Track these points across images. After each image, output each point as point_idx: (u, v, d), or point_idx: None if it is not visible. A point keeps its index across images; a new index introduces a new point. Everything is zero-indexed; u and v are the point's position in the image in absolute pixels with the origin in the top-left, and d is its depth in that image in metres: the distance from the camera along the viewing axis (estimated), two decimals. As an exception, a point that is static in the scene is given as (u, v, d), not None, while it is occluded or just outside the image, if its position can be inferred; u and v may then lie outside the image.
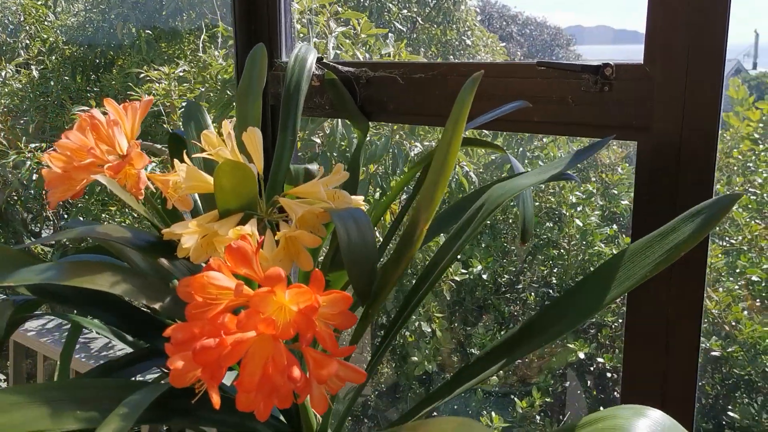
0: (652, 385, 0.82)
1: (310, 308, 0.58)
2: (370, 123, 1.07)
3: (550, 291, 2.59)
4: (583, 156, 0.74)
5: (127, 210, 3.12)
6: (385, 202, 0.86)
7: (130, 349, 1.86)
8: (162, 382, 0.90)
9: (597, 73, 0.80)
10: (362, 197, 0.78)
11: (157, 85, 2.52)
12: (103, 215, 2.80)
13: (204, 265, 0.74)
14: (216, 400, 0.60)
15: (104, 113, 0.83)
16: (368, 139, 1.99)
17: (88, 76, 3.84)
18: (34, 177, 2.74)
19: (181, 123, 2.74)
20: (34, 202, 3.82)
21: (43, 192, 3.62)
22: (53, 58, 3.82)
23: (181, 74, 2.52)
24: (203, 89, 2.13)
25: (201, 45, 2.67)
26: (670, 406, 0.80)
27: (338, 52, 1.95)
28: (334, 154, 1.92)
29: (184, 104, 2.57)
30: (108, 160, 0.79)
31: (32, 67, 3.74)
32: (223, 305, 0.61)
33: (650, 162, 0.79)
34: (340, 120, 1.93)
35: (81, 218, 2.56)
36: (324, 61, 1.08)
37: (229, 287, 0.61)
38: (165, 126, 2.54)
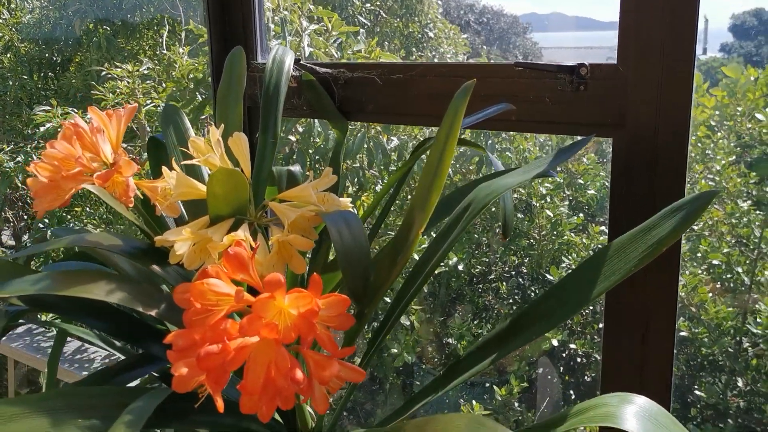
0: (630, 372, 0.85)
1: (311, 312, 0.60)
2: (348, 123, 1.08)
3: (521, 280, 2.64)
4: (565, 155, 0.77)
5: (90, 210, 3.08)
6: (370, 206, 0.88)
7: (106, 352, 1.85)
8: (155, 385, 0.91)
9: (572, 73, 0.83)
10: (349, 199, 0.80)
11: (121, 83, 2.49)
12: (68, 216, 2.76)
13: (196, 270, 0.75)
14: (220, 404, 0.62)
15: (87, 120, 0.83)
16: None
17: (46, 75, 3.77)
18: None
19: (146, 121, 2.72)
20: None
21: (27, 200, 3.55)
22: (9, 56, 3.74)
23: (145, 72, 2.50)
24: (174, 89, 2.11)
25: (163, 41, 2.64)
26: (647, 392, 0.83)
27: (312, 49, 1.96)
28: (310, 151, 1.93)
29: (148, 102, 2.55)
30: (94, 168, 0.80)
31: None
32: (223, 311, 0.62)
33: (625, 157, 0.82)
34: (317, 120, 1.94)
35: (46, 221, 2.53)
36: (302, 62, 1.09)
37: (229, 293, 0.62)
38: (129, 125, 2.51)
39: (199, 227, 0.73)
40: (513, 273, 2.65)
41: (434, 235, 0.79)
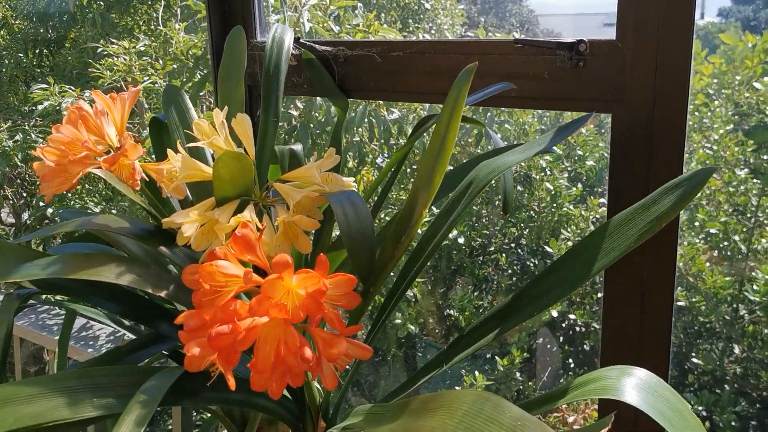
0: (629, 342, 0.87)
1: (319, 291, 0.61)
2: (348, 100, 1.09)
3: (520, 252, 2.66)
4: (566, 133, 0.78)
5: (90, 187, 3.08)
6: (373, 184, 0.89)
7: (110, 329, 1.86)
8: (162, 362, 0.93)
9: (572, 50, 0.84)
10: (352, 179, 0.81)
11: (117, 60, 2.48)
12: (68, 194, 2.76)
13: (203, 251, 0.76)
14: (232, 382, 0.63)
15: (87, 99, 0.84)
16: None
17: (41, 52, 3.74)
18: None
19: (143, 99, 2.71)
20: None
21: (27, 177, 3.55)
22: (3, 33, 3.71)
23: (141, 49, 2.49)
24: (175, 66, 2.11)
25: (159, 17, 2.62)
26: (646, 362, 0.85)
27: (311, 24, 1.95)
28: (311, 125, 1.93)
29: (145, 79, 2.54)
30: (100, 151, 0.80)
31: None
32: (232, 292, 0.64)
33: (624, 132, 0.83)
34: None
35: (42, 204, 2.53)
36: (301, 41, 1.10)
37: (237, 275, 0.63)
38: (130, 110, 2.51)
39: (206, 209, 0.74)
40: (513, 245, 2.67)
41: (437, 213, 0.80)
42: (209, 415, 1.14)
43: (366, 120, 1.98)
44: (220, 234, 0.72)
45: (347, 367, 0.75)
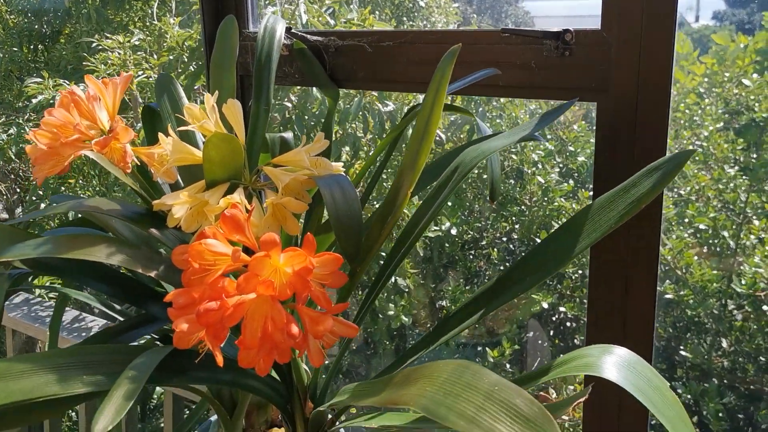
0: (613, 324, 0.89)
1: (305, 269, 0.62)
2: (340, 90, 1.10)
3: (511, 246, 2.68)
4: (549, 119, 0.80)
5: (83, 182, 3.09)
6: (362, 169, 0.90)
7: (103, 321, 1.88)
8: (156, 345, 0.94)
9: (558, 39, 0.85)
10: (341, 163, 0.82)
11: (112, 54, 2.49)
12: (62, 189, 2.77)
13: (193, 233, 0.77)
14: (220, 358, 0.64)
15: (83, 89, 0.85)
16: (340, 102, 2.03)
17: (36, 47, 3.74)
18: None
19: (137, 93, 2.72)
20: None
21: (20, 173, 3.54)
22: (-3, 27, 3.72)
23: (136, 43, 2.49)
24: (171, 58, 2.12)
25: (154, 12, 2.63)
26: (630, 344, 0.87)
27: (307, 17, 1.96)
28: (306, 117, 1.94)
29: (140, 73, 2.55)
30: (92, 135, 0.81)
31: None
32: (220, 270, 0.65)
33: (609, 121, 0.84)
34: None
35: (40, 192, 2.54)
36: (293, 30, 1.11)
37: (226, 253, 0.65)
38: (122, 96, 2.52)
39: (196, 191, 0.76)
40: (504, 239, 2.69)
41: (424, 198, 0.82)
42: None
43: (360, 113, 1.99)
44: (210, 215, 0.73)
45: (336, 346, 0.76)
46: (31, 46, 3.77)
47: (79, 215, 0.95)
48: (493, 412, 0.42)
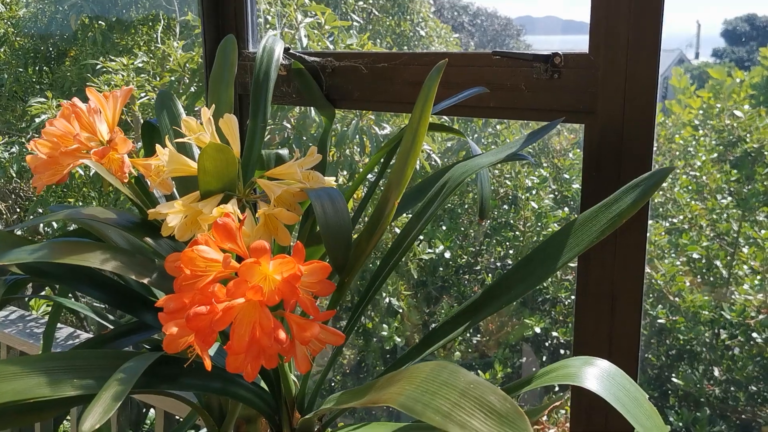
0: (599, 344, 0.90)
1: (294, 276, 0.64)
2: (336, 110, 1.12)
3: (503, 272, 2.69)
4: (535, 137, 0.82)
5: (82, 203, 3.11)
6: (354, 183, 0.92)
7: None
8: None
9: (547, 62, 0.88)
10: (333, 178, 0.84)
11: (116, 76, 2.53)
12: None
13: (186, 243, 0.79)
14: (208, 362, 0.66)
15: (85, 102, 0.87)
16: (338, 125, 2.05)
17: (41, 68, 3.80)
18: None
19: (139, 114, 2.75)
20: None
21: (21, 193, 3.57)
22: (2, 49, 3.76)
23: (140, 65, 2.54)
24: (173, 78, 2.16)
25: (158, 35, 2.68)
26: (616, 360, 0.88)
27: (307, 41, 2.00)
28: (304, 138, 1.97)
29: (142, 95, 2.59)
30: (91, 147, 0.84)
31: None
32: (211, 276, 0.66)
33: (596, 142, 0.87)
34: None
35: (39, 210, 2.56)
36: (291, 51, 1.14)
37: (217, 259, 0.66)
38: (123, 117, 2.55)
39: (191, 201, 0.77)
40: (498, 264, 2.70)
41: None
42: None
43: (357, 136, 2.02)
44: (203, 224, 0.75)
45: (325, 357, 0.77)
46: (36, 68, 3.82)
47: (78, 227, 0.97)
48: (467, 409, 0.43)
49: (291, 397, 0.82)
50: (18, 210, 4.18)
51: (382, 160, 0.94)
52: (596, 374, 0.64)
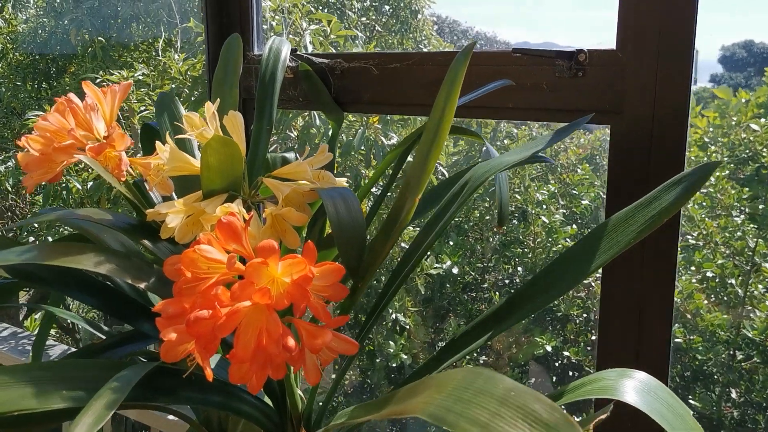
0: (625, 358, 0.84)
1: (305, 278, 0.58)
2: (344, 114, 1.08)
3: (511, 291, 2.63)
4: (562, 135, 0.77)
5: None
6: (367, 184, 0.87)
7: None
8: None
9: (571, 59, 0.83)
10: (344, 179, 0.79)
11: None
12: (57, 222, 2.73)
13: (186, 247, 0.74)
14: (209, 372, 0.60)
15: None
16: (343, 135, 2.01)
17: (39, 84, 3.76)
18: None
19: (138, 126, 2.70)
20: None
21: (17, 211, 3.52)
22: (1, 64, 3.73)
23: (140, 78, 2.49)
24: (173, 86, 2.11)
25: (159, 50, 2.64)
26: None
27: (312, 48, 1.96)
28: (308, 147, 1.92)
29: (142, 108, 2.54)
30: (87, 144, 0.78)
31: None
32: (214, 279, 0.61)
33: (623, 144, 0.82)
34: (316, 114, 1.93)
35: (35, 226, 2.50)
36: (298, 53, 1.09)
37: (221, 260, 0.61)
38: (122, 129, 2.51)
39: (193, 200, 0.72)
40: (507, 281, 2.63)
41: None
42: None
43: (363, 147, 1.97)
44: (206, 225, 0.70)
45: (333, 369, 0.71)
46: (35, 84, 3.78)
47: (73, 233, 0.92)
48: (509, 418, 0.38)
49: (297, 412, 0.76)
50: (15, 229, 4.12)
51: (394, 164, 0.90)
52: (635, 387, 0.59)
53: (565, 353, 2.36)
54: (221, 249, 0.62)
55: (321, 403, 0.79)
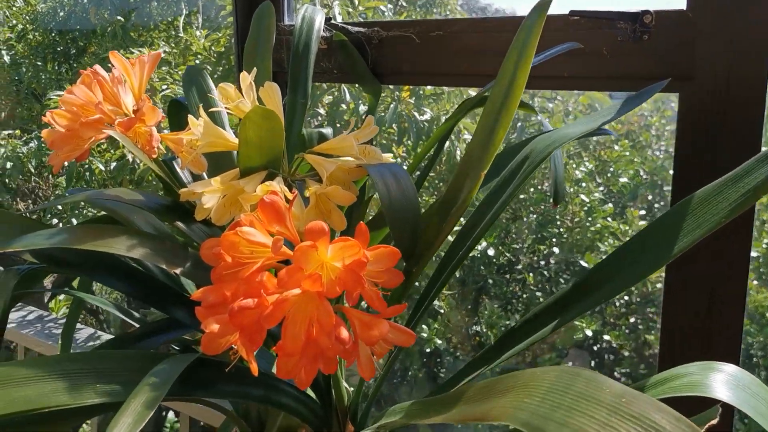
0: (693, 347, 0.78)
1: (358, 263, 0.53)
2: (381, 87, 1.02)
3: (545, 273, 2.54)
4: (636, 102, 0.70)
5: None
6: (415, 159, 0.81)
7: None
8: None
9: (635, 22, 0.76)
10: (391, 155, 0.73)
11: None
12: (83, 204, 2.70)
13: (223, 229, 0.68)
14: (254, 367, 0.55)
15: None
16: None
17: (60, 64, 3.72)
18: (8, 165, 2.63)
19: (161, 105, 2.66)
20: (5, 194, 3.68)
21: (15, 183, 3.50)
22: (21, 46, 3.69)
23: (162, 55, 2.43)
24: (198, 61, 2.06)
25: (181, 26, 2.58)
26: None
27: (341, 18, 1.90)
28: (338, 125, 1.87)
29: (164, 88, 2.49)
30: (114, 119, 0.73)
31: (2, 52, 3.61)
32: (258, 264, 0.56)
33: (693, 114, 0.75)
34: (346, 89, 1.87)
35: (59, 207, 2.47)
36: (333, 22, 1.03)
37: (265, 243, 0.56)
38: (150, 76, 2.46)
39: (230, 179, 0.67)
40: (542, 263, 2.56)
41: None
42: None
43: (395, 123, 1.90)
44: (245, 205, 0.64)
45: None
46: (56, 65, 3.75)
47: (102, 215, 0.87)
48: (624, 431, 0.32)
49: (343, 406, 0.71)
50: (38, 211, 4.10)
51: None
52: (725, 381, 0.53)
53: (605, 337, 2.28)
54: (264, 231, 0.57)
55: (369, 396, 0.74)
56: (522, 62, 0.54)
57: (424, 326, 2.18)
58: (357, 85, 1.83)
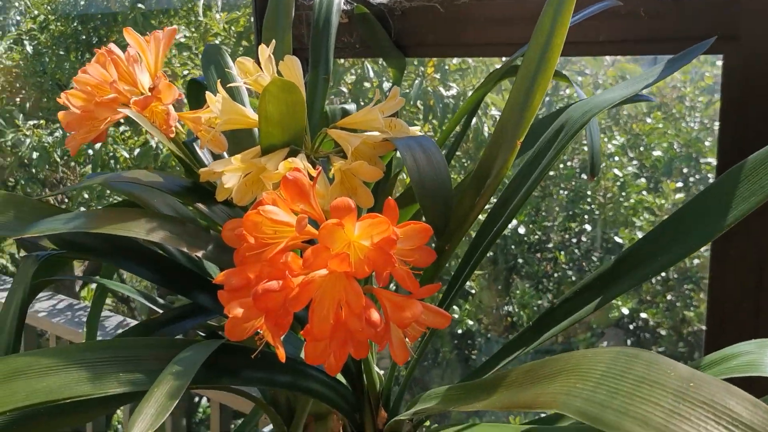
0: (741, 323, 0.74)
1: (388, 240, 0.50)
2: (406, 60, 0.98)
3: (577, 251, 2.48)
4: (679, 63, 0.65)
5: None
6: (445, 131, 0.78)
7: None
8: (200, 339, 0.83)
9: (675, -21, 0.72)
10: (417, 128, 0.69)
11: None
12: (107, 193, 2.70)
13: (245, 209, 0.66)
14: (281, 352, 0.53)
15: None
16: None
17: (82, 54, 3.72)
18: (35, 155, 2.64)
19: (182, 90, 2.64)
20: (35, 185, 3.71)
21: (43, 173, 3.52)
22: (43, 36, 3.70)
23: (182, 41, 2.42)
24: (217, 41, 2.03)
25: (201, 10, 2.55)
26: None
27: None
28: (363, 101, 1.83)
29: (185, 72, 2.48)
30: (131, 98, 0.71)
31: (25, 42, 3.62)
32: (282, 244, 0.53)
33: (740, 76, 0.70)
34: (369, 66, 1.83)
35: (86, 196, 2.47)
36: (353, -6, 0.99)
37: (289, 222, 0.53)
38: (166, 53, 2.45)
39: (251, 156, 0.64)
40: (573, 240, 2.49)
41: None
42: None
43: (420, 101, 1.86)
44: (267, 183, 0.62)
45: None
46: (79, 54, 3.75)
47: (122, 200, 0.85)
48: (695, 420, 0.28)
49: (375, 392, 0.68)
50: (67, 201, 4.13)
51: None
52: (788, 361, 0.49)
53: (642, 315, 2.22)
54: (288, 210, 0.54)
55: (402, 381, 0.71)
56: (561, 16, 0.50)
57: (455, 307, 2.14)
58: (380, 61, 1.79)
